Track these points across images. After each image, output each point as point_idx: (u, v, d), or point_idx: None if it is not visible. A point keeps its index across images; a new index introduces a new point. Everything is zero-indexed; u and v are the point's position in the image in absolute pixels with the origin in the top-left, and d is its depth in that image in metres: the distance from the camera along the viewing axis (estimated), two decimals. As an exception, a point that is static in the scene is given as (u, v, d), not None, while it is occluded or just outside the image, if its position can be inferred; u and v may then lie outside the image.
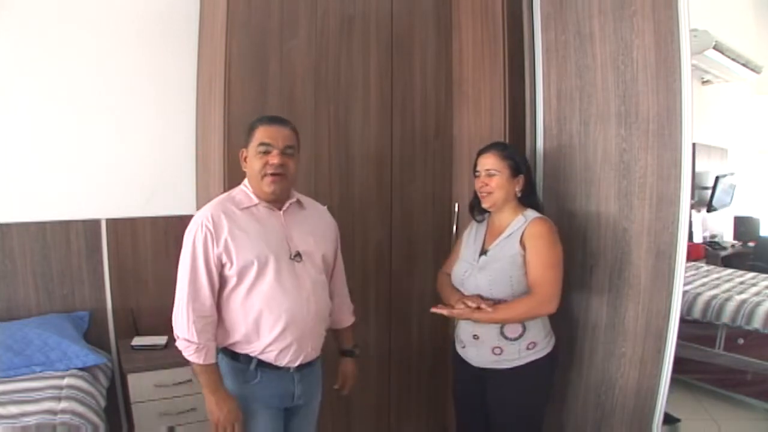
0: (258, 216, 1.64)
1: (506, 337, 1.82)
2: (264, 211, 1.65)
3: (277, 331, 1.60)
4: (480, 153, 1.92)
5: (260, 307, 1.59)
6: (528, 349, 1.82)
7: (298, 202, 1.73)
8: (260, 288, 1.59)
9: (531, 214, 1.85)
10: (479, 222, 1.99)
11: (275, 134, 1.61)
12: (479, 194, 1.90)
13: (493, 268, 1.84)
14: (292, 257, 1.63)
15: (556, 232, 1.82)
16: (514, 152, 1.91)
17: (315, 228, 1.75)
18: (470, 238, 2.00)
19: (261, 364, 1.62)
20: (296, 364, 1.65)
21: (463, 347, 1.93)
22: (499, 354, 1.83)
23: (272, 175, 1.59)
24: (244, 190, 1.67)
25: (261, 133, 1.61)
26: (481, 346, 1.86)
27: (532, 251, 1.79)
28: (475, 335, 1.86)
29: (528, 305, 1.77)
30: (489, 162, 1.87)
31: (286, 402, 1.69)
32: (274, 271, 1.59)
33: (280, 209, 1.67)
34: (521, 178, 1.87)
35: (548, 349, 1.86)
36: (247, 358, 1.63)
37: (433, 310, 1.86)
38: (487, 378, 1.89)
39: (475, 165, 1.93)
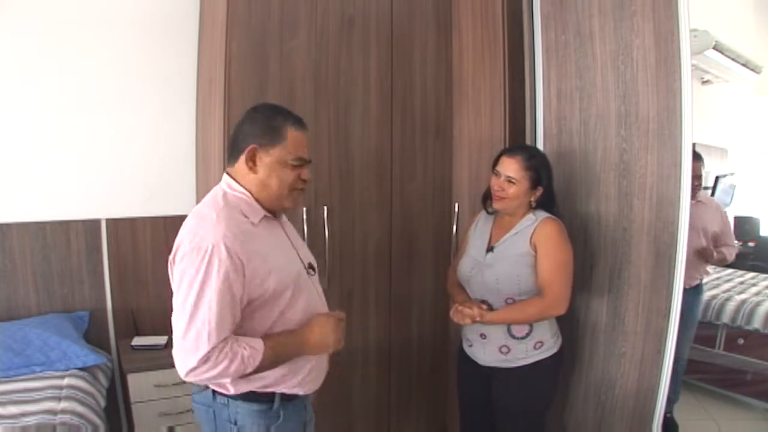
0: (268, 229, 1.38)
1: (513, 336, 1.81)
2: (269, 224, 1.39)
3: (316, 357, 1.41)
4: (504, 153, 1.87)
5: None
6: (535, 348, 1.82)
7: None
8: (293, 314, 1.35)
9: (541, 213, 1.84)
10: (490, 213, 1.96)
11: (307, 144, 1.39)
12: (493, 194, 1.87)
13: (500, 266, 1.83)
14: (307, 270, 1.43)
15: (566, 233, 1.82)
16: (540, 163, 1.84)
17: (299, 236, 1.57)
18: (476, 233, 1.98)
19: (283, 398, 1.37)
20: (318, 386, 1.46)
21: (470, 346, 1.93)
22: (507, 353, 1.83)
23: (300, 189, 1.40)
24: (246, 201, 1.34)
25: (297, 142, 1.35)
26: (488, 345, 1.86)
27: (542, 252, 1.78)
28: (482, 334, 1.86)
29: (538, 307, 1.77)
30: (511, 168, 1.82)
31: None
32: (302, 290, 1.37)
33: (276, 219, 1.44)
34: (540, 190, 1.83)
35: (555, 349, 1.86)
36: (269, 396, 1.35)
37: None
38: (493, 377, 1.88)
39: (496, 162, 1.87)
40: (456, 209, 2.50)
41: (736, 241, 4.75)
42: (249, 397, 1.33)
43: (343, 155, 2.29)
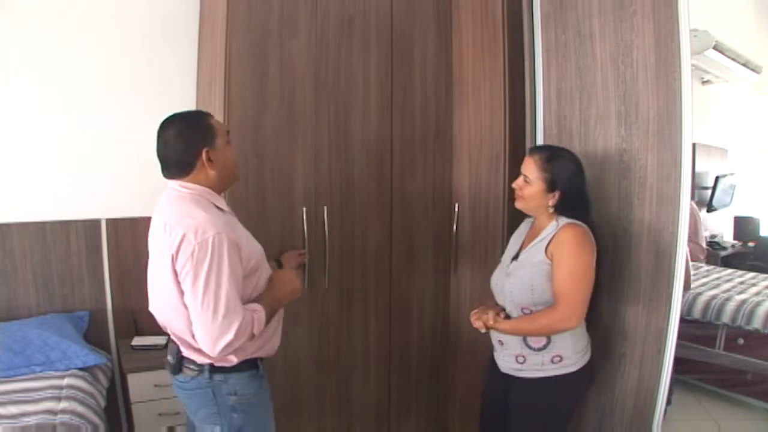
0: (233, 216, 1.59)
1: (529, 347, 1.75)
2: (230, 211, 1.60)
3: (280, 320, 1.67)
4: (529, 150, 1.82)
5: None
6: (553, 362, 1.73)
7: None
8: (261, 285, 1.58)
9: (563, 219, 1.74)
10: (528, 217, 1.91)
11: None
12: (515, 192, 1.82)
13: (517, 275, 1.77)
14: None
15: (586, 239, 1.70)
16: (560, 166, 1.73)
17: None
18: (514, 240, 1.93)
19: (263, 361, 1.62)
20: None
21: (494, 350, 1.89)
22: (522, 362, 1.77)
23: None
24: (211, 194, 1.52)
25: (220, 126, 1.56)
26: (506, 352, 1.81)
27: (558, 260, 1.68)
28: (500, 340, 1.82)
29: (548, 319, 1.67)
30: (528, 168, 1.76)
31: None
32: (265, 264, 1.61)
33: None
34: (557, 194, 1.73)
35: (577, 366, 1.75)
36: (255, 362, 1.59)
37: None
38: (510, 384, 1.83)
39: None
40: (456, 209, 2.50)
41: (735, 241, 4.78)
42: (242, 367, 1.54)
43: (343, 155, 2.29)
